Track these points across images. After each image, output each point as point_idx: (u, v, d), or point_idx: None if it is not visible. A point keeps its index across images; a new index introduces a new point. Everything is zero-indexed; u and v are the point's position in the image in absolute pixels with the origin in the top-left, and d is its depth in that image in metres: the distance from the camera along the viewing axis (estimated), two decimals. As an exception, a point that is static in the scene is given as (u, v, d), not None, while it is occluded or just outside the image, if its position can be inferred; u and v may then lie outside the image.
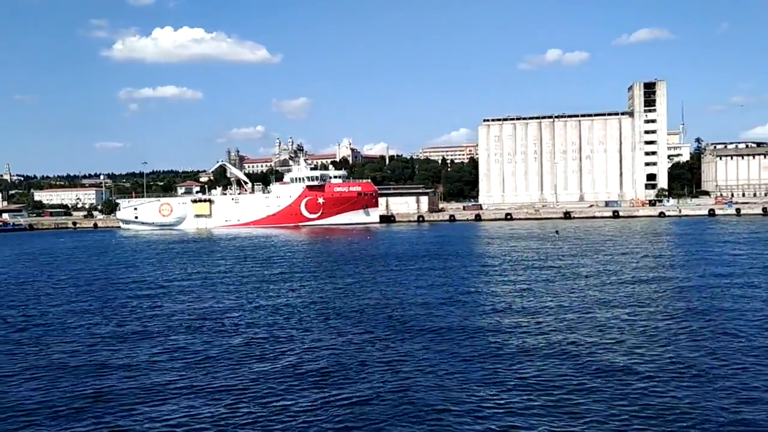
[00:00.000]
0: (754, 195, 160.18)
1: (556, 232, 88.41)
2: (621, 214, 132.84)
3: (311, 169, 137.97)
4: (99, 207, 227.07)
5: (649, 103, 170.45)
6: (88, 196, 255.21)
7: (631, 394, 17.83)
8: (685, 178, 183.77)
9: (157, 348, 24.77)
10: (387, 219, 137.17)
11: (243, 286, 41.09)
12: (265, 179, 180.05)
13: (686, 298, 32.82)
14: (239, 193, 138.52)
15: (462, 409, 17.17)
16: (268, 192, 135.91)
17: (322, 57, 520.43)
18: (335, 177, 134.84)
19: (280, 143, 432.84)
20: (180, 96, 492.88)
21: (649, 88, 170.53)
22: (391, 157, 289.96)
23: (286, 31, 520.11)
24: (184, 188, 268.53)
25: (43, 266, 59.79)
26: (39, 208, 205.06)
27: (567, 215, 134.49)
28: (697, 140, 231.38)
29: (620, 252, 59.06)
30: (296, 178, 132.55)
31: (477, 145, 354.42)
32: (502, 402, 17.61)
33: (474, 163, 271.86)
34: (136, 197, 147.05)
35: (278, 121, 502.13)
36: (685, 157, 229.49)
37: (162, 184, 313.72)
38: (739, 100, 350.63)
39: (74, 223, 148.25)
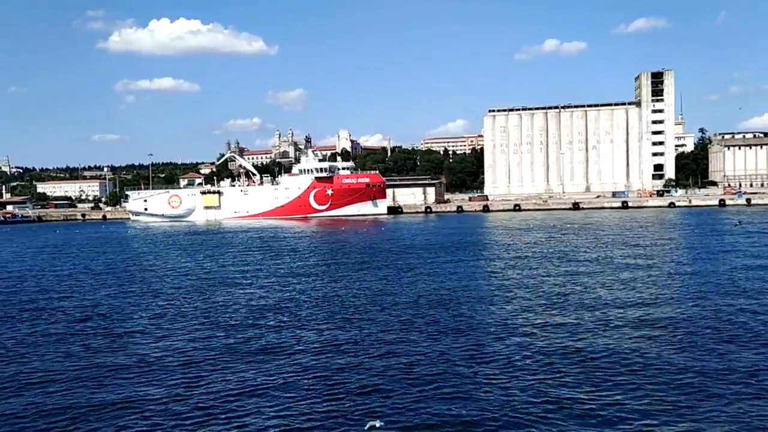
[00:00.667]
0: (762, 185, 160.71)
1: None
2: (630, 204, 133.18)
3: (319, 160, 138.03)
4: (103, 199, 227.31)
5: (656, 93, 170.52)
6: (91, 188, 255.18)
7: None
8: (690, 168, 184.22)
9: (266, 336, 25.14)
10: (394, 210, 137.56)
11: (289, 279, 41.18)
12: (268, 170, 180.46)
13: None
14: (248, 185, 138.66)
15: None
16: (277, 183, 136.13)
17: (318, 48, 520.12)
18: (343, 168, 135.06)
19: (280, 135, 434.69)
20: (177, 88, 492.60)
21: (657, 78, 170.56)
22: (393, 149, 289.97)
23: (282, 22, 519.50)
24: (186, 180, 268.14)
25: (88, 258, 60.17)
26: (43, 200, 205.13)
27: (576, 206, 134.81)
28: (701, 130, 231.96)
29: (656, 243, 59.35)
30: (305, 170, 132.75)
31: (479, 136, 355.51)
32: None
33: (476, 153, 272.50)
34: (144, 189, 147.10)
35: (274, 113, 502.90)
36: (689, 147, 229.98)
37: (164, 176, 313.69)
38: (736, 90, 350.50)
39: (83, 215, 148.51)
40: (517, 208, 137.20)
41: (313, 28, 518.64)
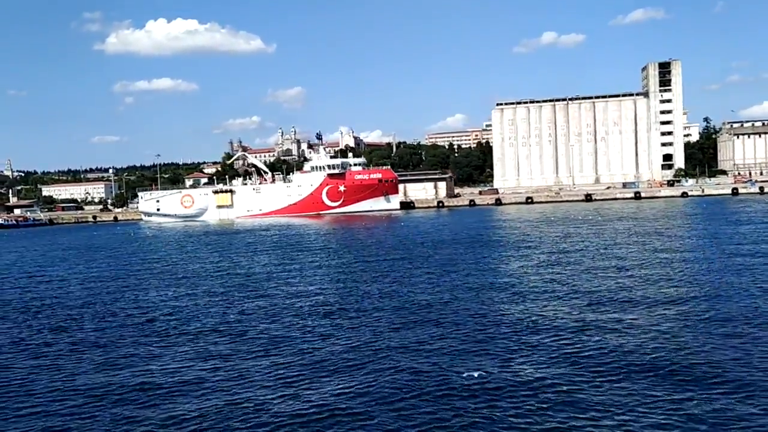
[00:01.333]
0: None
1: None
2: (643, 195, 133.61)
3: (331, 157, 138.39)
4: (109, 201, 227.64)
5: (664, 83, 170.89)
6: (96, 190, 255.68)
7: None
8: (697, 158, 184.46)
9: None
10: (407, 205, 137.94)
11: (338, 278, 41.27)
12: (274, 168, 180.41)
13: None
14: (259, 183, 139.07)
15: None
16: (289, 181, 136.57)
17: (316, 46, 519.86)
18: (355, 165, 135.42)
19: (282, 133, 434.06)
20: (175, 88, 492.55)
21: (664, 68, 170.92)
22: (398, 144, 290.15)
23: (280, 20, 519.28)
24: (191, 180, 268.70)
25: (126, 259, 60.59)
26: (50, 203, 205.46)
27: (588, 197, 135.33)
28: (706, 120, 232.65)
29: (688, 234, 59.75)
30: (317, 167, 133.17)
31: (483, 130, 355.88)
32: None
33: (482, 147, 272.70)
34: (155, 189, 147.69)
35: (274, 111, 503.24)
36: (694, 137, 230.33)
37: (168, 176, 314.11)
38: (736, 79, 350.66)
39: (94, 217, 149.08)
40: (529, 200, 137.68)
41: (310, 25, 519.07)
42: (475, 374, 18.92)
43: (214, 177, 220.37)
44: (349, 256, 52.44)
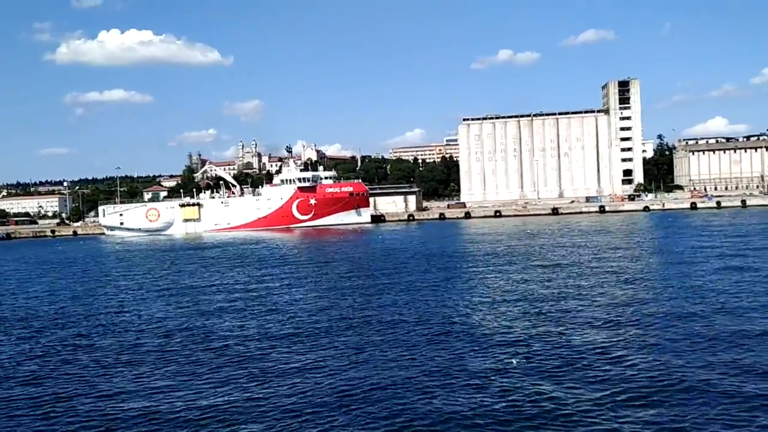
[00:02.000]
0: (726, 188, 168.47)
1: None
2: (607, 209, 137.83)
3: (300, 170, 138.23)
4: (63, 214, 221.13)
5: (623, 101, 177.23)
6: (50, 204, 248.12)
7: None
8: (652, 173, 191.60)
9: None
10: (377, 219, 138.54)
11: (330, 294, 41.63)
12: (237, 181, 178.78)
13: None
14: (228, 197, 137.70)
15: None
16: (258, 194, 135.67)
17: (274, 59, 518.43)
18: (326, 178, 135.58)
19: (243, 146, 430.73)
20: (129, 100, 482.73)
21: (623, 86, 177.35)
22: (363, 158, 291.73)
23: (238, 33, 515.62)
24: (150, 193, 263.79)
25: (110, 276, 59.16)
26: (3, 216, 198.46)
27: (555, 211, 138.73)
28: (659, 137, 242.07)
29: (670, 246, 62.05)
30: (287, 180, 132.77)
31: (447, 145, 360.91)
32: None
33: (445, 162, 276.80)
34: (117, 203, 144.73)
35: (230, 124, 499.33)
36: (649, 153, 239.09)
37: (124, 189, 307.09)
38: (681, 98, 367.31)
39: (53, 231, 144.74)
40: (498, 214, 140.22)
41: (269, 38, 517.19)
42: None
43: (181, 191, 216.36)
44: (333, 274, 52.40)
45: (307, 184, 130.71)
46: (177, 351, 25.39)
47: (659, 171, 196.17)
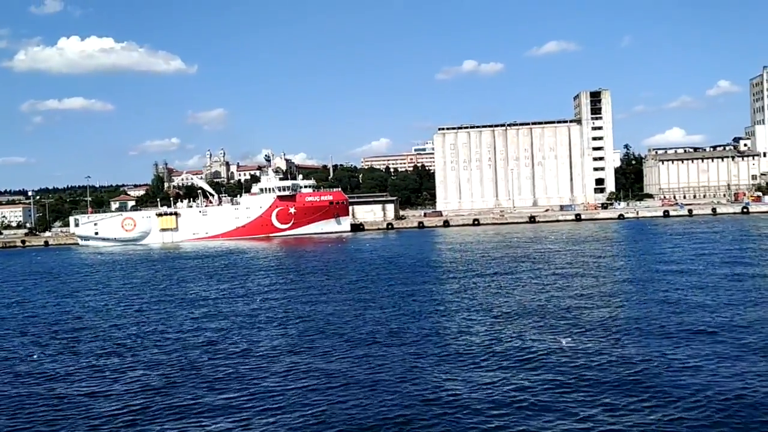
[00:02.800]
0: (694, 197, 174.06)
1: None
2: (583, 217, 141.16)
3: (280, 179, 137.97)
4: (27, 224, 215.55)
5: (595, 111, 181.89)
6: (13, 214, 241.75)
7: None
8: (621, 182, 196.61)
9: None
10: (356, 227, 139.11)
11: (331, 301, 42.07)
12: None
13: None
14: (205, 205, 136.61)
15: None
16: (237, 203, 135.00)
17: (238, 67, 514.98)
18: (305, 187, 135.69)
19: (211, 155, 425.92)
20: (89, 108, 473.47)
21: (595, 97, 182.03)
22: (335, 167, 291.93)
23: (202, 41, 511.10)
24: (118, 203, 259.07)
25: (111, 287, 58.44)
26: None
27: (532, 219, 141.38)
28: (626, 146, 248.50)
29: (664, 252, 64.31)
30: (266, 189, 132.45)
31: (417, 154, 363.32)
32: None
33: (418, 171, 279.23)
34: (93, 212, 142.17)
35: (194, 133, 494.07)
36: (616, 163, 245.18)
37: (90, 199, 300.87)
38: (641, 109, 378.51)
39: (23, 242, 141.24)
40: (476, 222, 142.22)
41: (233, 47, 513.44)
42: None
43: (157, 200, 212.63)
44: (344, 288, 52.98)
45: (286, 192, 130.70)
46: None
47: (627, 180, 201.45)
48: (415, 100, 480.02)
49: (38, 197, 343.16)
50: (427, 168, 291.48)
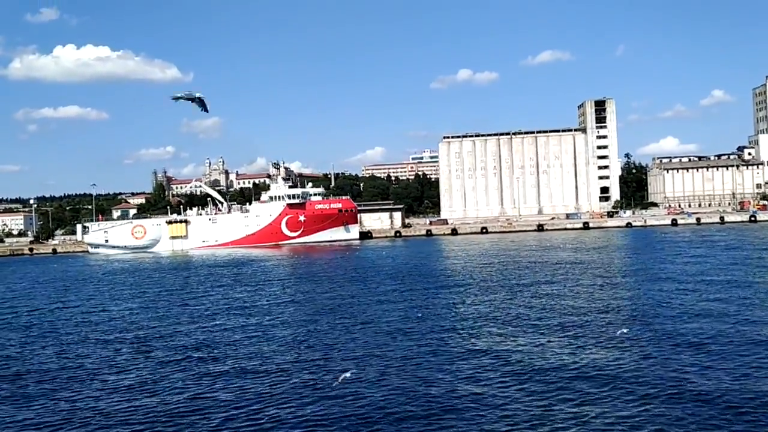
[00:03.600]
0: (699, 205, 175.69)
1: None
2: (591, 225, 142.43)
3: (290, 186, 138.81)
4: (29, 233, 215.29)
5: (600, 120, 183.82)
6: (14, 222, 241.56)
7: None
8: (623, 190, 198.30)
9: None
10: (364, 235, 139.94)
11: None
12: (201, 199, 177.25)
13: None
14: (215, 213, 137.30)
15: None
16: (246, 211, 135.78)
17: (234, 76, 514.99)
18: (315, 195, 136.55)
19: (210, 164, 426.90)
20: (84, 116, 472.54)
21: (600, 106, 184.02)
22: (336, 175, 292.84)
23: (198, 49, 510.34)
24: (119, 211, 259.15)
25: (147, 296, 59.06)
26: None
27: (540, 227, 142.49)
28: (627, 155, 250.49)
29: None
30: (276, 196, 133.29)
31: (417, 162, 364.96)
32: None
33: (419, 179, 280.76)
34: (103, 220, 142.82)
35: (189, 141, 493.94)
36: (618, 171, 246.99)
37: (90, 207, 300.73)
38: (635, 118, 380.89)
39: (30, 249, 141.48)
40: (484, 230, 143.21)
41: (229, 56, 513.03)
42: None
43: (168, 208, 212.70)
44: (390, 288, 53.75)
45: (296, 200, 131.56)
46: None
47: (629, 188, 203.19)
48: (411, 108, 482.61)
49: (36, 205, 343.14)
50: (428, 176, 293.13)
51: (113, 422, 20.88)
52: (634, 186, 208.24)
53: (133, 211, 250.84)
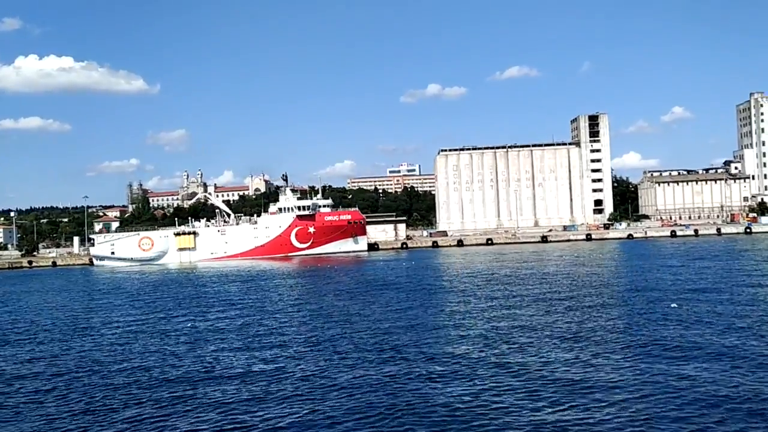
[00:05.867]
0: (689, 217, 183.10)
1: None
2: (594, 237, 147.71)
3: (298, 198, 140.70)
4: (9, 246, 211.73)
5: (593, 134, 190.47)
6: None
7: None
8: (615, 203, 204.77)
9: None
10: (371, 247, 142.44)
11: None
12: (182, 211, 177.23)
13: None
14: (224, 224, 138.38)
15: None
16: (255, 222, 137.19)
17: (202, 88, 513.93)
18: (324, 206, 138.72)
19: (188, 176, 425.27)
20: (46, 128, 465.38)
21: (593, 120, 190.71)
22: (323, 188, 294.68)
23: (165, 60, 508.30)
24: (101, 224, 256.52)
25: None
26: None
27: (544, 239, 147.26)
28: (611, 169, 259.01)
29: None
30: (285, 208, 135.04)
31: (404, 175, 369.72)
32: None
33: (407, 192, 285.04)
34: (107, 232, 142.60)
35: (154, 154, 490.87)
36: (611, 184, 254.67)
37: (67, 220, 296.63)
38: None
39: (30, 262, 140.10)
40: (489, 242, 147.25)
41: (197, 67, 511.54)
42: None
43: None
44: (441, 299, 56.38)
45: (306, 212, 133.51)
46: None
47: (614, 200, 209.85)
48: (380, 122, 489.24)
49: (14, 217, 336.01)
50: (416, 189, 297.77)
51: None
52: (618, 199, 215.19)
53: (115, 224, 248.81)
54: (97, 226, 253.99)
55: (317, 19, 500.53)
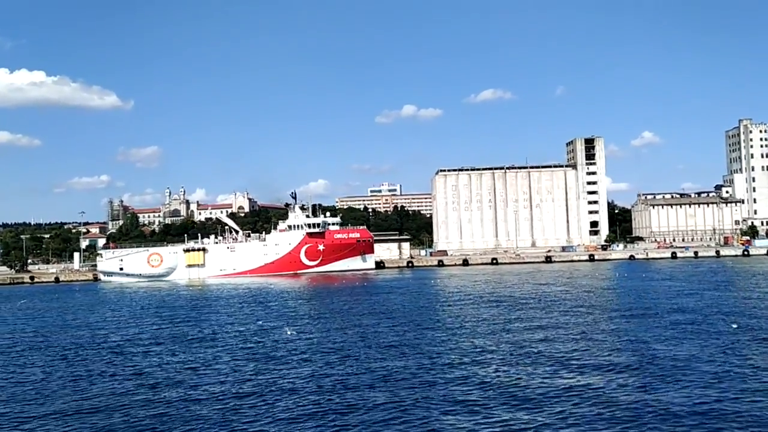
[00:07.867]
0: (683, 240, 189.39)
1: None
2: (596, 257, 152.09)
3: (306, 216, 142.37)
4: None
5: (589, 157, 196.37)
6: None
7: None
8: (610, 225, 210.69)
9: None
10: (378, 265, 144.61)
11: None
12: (168, 228, 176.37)
13: None
14: (233, 241, 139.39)
15: None
16: (264, 240, 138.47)
17: (176, 105, 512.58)
18: (333, 224, 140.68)
19: (170, 193, 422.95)
20: (14, 143, 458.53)
21: (589, 143, 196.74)
22: (314, 206, 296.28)
23: (139, 76, 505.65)
24: (88, 240, 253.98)
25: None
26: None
27: (548, 259, 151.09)
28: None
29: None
30: (295, 225, 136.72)
31: (392, 195, 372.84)
32: None
33: (397, 211, 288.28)
34: (114, 247, 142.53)
35: (125, 171, 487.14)
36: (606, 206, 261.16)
37: (48, 236, 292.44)
38: None
39: (31, 278, 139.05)
40: (494, 261, 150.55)
41: (171, 84, 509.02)
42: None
43: (185, 236, 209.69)
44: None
45: (316, 230, 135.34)
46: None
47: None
48: (354, 142, 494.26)
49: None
50: (405, 209, 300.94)
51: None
52: (614, 220, 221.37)
53: (102, 241, 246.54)
54: (83, 243, 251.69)
55: (292, 39, 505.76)
